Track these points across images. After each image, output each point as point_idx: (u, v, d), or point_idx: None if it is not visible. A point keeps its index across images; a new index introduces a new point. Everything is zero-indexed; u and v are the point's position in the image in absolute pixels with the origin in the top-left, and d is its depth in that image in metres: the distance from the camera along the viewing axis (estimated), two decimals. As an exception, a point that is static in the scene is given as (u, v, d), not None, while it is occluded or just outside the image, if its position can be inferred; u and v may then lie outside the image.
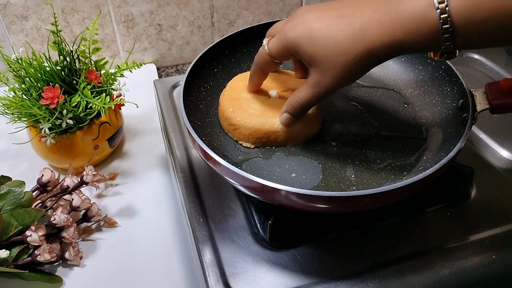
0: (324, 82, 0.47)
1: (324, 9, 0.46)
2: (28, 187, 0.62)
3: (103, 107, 0.64)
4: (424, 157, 0.53)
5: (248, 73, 0.61)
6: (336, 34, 0.44)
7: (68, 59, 0.67)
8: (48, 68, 0.65)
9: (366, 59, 0.44)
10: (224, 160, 0.47)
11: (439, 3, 0.39)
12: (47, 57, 0.66)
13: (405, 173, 0.52)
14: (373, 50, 0.43)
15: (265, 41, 0.52)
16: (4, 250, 0.55)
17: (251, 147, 0.56)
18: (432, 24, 0.40)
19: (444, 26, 0.40)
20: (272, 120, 0.54)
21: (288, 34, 0.47)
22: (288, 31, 0.48)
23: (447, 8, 0.39)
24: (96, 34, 0.67)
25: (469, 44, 0.42)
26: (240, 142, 0.56)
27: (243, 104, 0.56)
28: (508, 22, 0.38)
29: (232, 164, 0.46)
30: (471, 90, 0.53)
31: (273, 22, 0.66)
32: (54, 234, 0.60)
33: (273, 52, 0.50)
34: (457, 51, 0.43)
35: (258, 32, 0.66)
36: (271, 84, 0.59)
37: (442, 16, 0.39)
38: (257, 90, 0.58)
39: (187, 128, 0.51)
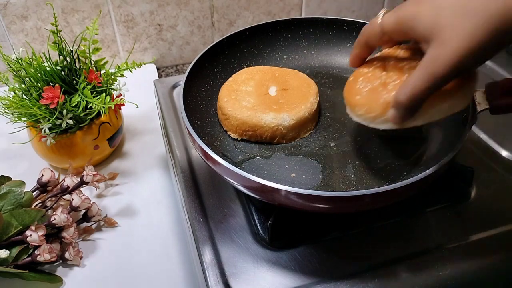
0: (443, 57, 0.36)
1: None
2: (28, 187, 0.62)
3: (103, 107, 0.64)
4: (424, 157, 0.53)
5: (254, 68, 0.62)
6: (467, 4, 0.35)
7: (68, 59, 0.67)
8: (48, 68, 0.65)
9: (501, 24, 0.34)
10: (224, 160, 0.47)
11: None
12: (47, 57, 0.66)
13: (405, 173, 0.52)
14: (511, 15, 0.34)
15: (381, 12, 0.44)
16: (4, 250, 0.55)
17: (238, 138, 0.57)
18: None
19: None
20: (260, 115, 0.55)
21: (409, 7, 0.40)
22: (409, 5, 0.40)
23: None
24: (96, 34, 0.67)
25: None
26: (228, 133, 0.57)
27: (239, 96, 0.58)
28: None
29: (232, 164, 0.46)
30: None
31: (275, 22, 0.67)
32: (54, 234, 0.60)
33: (385, 25, 0.42)
34: None
35: (258, 32, 0.66)
36: (273, 81, 0.59)
37: None
38: (258, 86, 0.59)
39: (187, 128, 0.51)
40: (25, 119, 0.65)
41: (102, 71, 0.70)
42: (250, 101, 0.57)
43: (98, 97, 0.65)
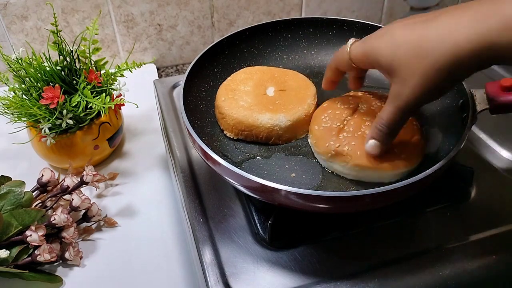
0: (404, 94, 0.42)
1: (414, 17, 0.43)
2: (28, 187, 0.62)
3: (103, 107, 0.64)
4: (424, 157, 0.53)
5: (254, 68, 0.62)
6: (419, 37, 0.40)
7: (68, 59, 0.67)
8: (48, 68, 0.65)
9: (449, 65, 0.38)
10: (224, 160, 0.47)
11: None
12: (47, 57, 0.66)
13: (405, 172, 0.52)
14: (460, 54, 0.37)
15: (350, 41, 0.49)
16: (4, 250, 0.55)
17: (234, 137, 0.57)
18: None
19: None
20: (256, 115, 0.55)
21: (371, 40, 0.45)
22: (372, 38, 0.45)
23: None
24: (96, 34, 0.67)
25: None
26: (225, 132, 0.57)
27: (236, 95, 0.57)
28: None
29: (232, 164, 0.46)
30: (471, 90, 0.53)
31: (274, 22, 0.67)
32: (54, 234, 0.60)
33: (353, 55, 0.48)
34: None
35: (258, 32, 0.66)
36: (272, 82, 0.59)
37: None
38: (256, 86, 0.59)
39: (187, 128, 0.51)
40: (25, 119, 0.65)
41: (102, 71, 0.70)
42: (247, 101, 0.57)
43: (98, 97, 0.65)
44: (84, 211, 0.64)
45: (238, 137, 0.57)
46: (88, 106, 0.66)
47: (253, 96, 0.57)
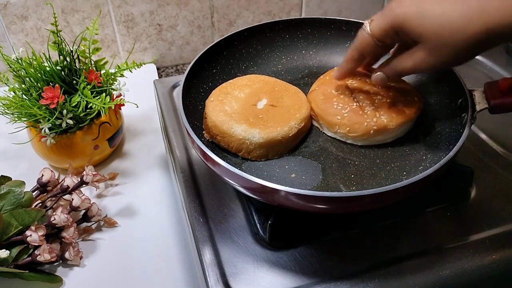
0: (429, 61, 0.44)
1: None
2: (28, 187, 0.62)
3: (103, 107, 0.64)
4: (424, 157, 0.53)
5: (260, 76, 0.61)
6: (449, 12, 0.41)
7: (68, 59, 0.67)
8: (48, 68, 0.65)
9: (482, 40, 0.41)
10: (224, 160, 0.47)
11: None
12: (47, 57, 0.66)
13: (404, 173, 0.52)
14: (490, 32, 0.40)
15: (366, 22, 0.49)
16: (4, 250, 0.55)
17: (209, 140, 0.56)
18: None
19: None
20: (232, 124, 0.53)
21: (394, 10, 0.45)
22: (394, 8, 0.45)
23: None
24: (96, 34, 0.67)
25: None
26: (203, 132, 0.56)
27: (226, 99, 0.57)
28: None
29: (232, 165, 0.46)
30: (470, 89, 0.53)
31: (273, 22, 0.66)
32: (54, 234, 0.60)
33: (376, 32, 0.47)
34: None
35: (256, 33, 0.66)
36: (268, 94, 0.58)
37: None
38: (251, 95, 0.57)
39: (186, 129, 0.51)
40: (25, 119, 0.65)
41: (102, 71, 0.70)
42: (233, 108, 0.55)
43: (98, 97, 0.65)
44: (84, 211, 0.64)
45: (212, 140, 0.55)
46: (88, 106, 0.66)
47: (241, 105, 0.56)
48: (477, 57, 0.78)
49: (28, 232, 0.56)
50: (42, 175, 0.64)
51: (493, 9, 0.39)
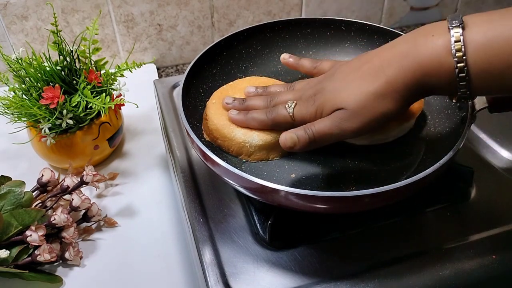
0: (351, 122, 0.46)
1: (358, 62, 0.47)
2: (28, 187, 0.62)
3: (103, 107, 0.64)
4: (424, 157, 0.53)
5: (261, 78, 0.61)
6: (360, 80, 0.45)
7: (68, 59, 0.67)
8: (48, 68, 0.65)
9: (394, 99, 0.44)
10: (223, 161, 0.47)
11: (457, 51, 0.39)
12: (47, 57, 0.66)
13: (404, 172, 0.52)
14: (398, 90, 0.43)
15: (290, 103, 0.50)
16: (4, 250, 0.55)
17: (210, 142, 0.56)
18: (449, 71, 0.40)
19: (460, 75, 0.40)
20: (233, 128, 0.53)
21: (316, 102, 0.48)
22: (316, 100, 0.48)
23: (464, 57, 0.39)
24: (96, 34, 0.67)
25: (485, 92, 0.42)
26: (203, 134, 0.56)
27: None
28: None
29: (231, 165, 0.46)
30: None
31: (272, 22, 0.66)
32: (54, 234, 0.60)
33: (298, 117, 0.50)
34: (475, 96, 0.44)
35: (256, 33, 0.66)
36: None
37: (459, 65, 0.40)
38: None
39: (186, 129, 0.51)
40: (25, 119, 0.65)
41: (102, 71, 0.70)
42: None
43: (98, 97, 0.65)
44: (84, 211, 0.64)
45: (212, 143, 0.55)
46: (88, 106, 0.66)
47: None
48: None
49: (28, 232, 0.56)
50: (42, 175, 0.64)
51: (393, 71, 0.43)
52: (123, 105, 0.68)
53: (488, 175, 0.58)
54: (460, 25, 0.40)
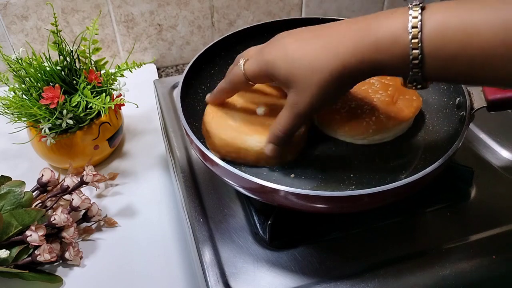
0: (301, 103, 0.46)
1: (302, 31, 0.47)
2: (28, 187, 0.62)
3: (103, 107, 0.64)
4: (423, 156, 0.53)
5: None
6: (310, 53, 0.44)
7: (68, 59, 0.67)
8: (48, 68, 0.65)
9: (340, 77, 0.43)
10: (223, 161, 0.47)
11: (413, 27, 0.39)
12: (47, 57, 0.66)
13: (404, 171, 0.52)
14: (346, 68, 0.43)
15: (241, 61, 0.50)
16: (4, 250, 0.55)
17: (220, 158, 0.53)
18: (403, 48, 0.40)
19: (413, 51, 0.39)
20: (245, 137, 0.52)
21: (265, 56, 0.47)
22: (265, 53, 0.47)
23: (419, 34, 0.39)
24: (96, 34, 0.67)
25: (437, 76, 0.41)
26: (211, 151, 0.54)
27: (225, 113, 0.55)
28: (476, 61, 0.38)
29: (231, 165, 0.46)
30: (468, 88, 0.53)
31: (272, 23, 0.66)
32: (54, 234, 0.60)
33: (249, 74, 0.50)
34: (428, 82, 0.43)
35: (253, 33, 0.66)
36: (260, 99, 0.57)
37: (413, 41, 0.39)
38: (246, 105, 0.56)
39: (185, 130, 0.51)
40: (25, 119, 0.65)
41: (102, 71, 0.70)
42: (237, 120, 0.54)
43: (98, 97, 0.65)
44: (84, 211, 0.64)
45: (225, 158, 0.53)
46: (88, 106, 0.66)
47: (243, 115, 0.55)
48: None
49: (28, 232, 0.56)
50: (42, 175, 0.64)
51: (345, 49, 0.43)
52: (123, 105, 0.68)
53: (488, 175, 0.58)
54: (420, 6, 0.40)
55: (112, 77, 0.70)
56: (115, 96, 0.68)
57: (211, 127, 0.54)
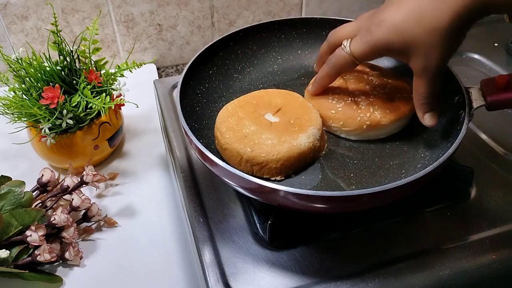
0: (431, 66, 0.46)
1: (399, 1, 0.47)
2: (28, 187, 0.62)
3: (103, 107, 0.64)
4: (422, 155, 0.53)
5: (265, 91, 0.59)
6: (420, 16, 0.44)
7: (68, 59, 0.67)
8: (48, 68, 0.65)
9: (457, 28, 0.44)
10: (223, 161, 0.47)
11: None
12: (47, 57, 0.66)
13: (403, 171, 0.52)
14: (462, 18, 0.43)
15: (345, 43, 0.50)
16: (4, 250, 0.55)
17: (279, 179, 0.52)
18: None
19: None
20: (291, 141, 0.51)
21: (374, 35, 0.47)
22: (373, 32, 0.47)
23: None
24: (96, 34, 0.67)
25: None
26: (262, 176, 0.51)
27: (253, 133, 0.52)
28: None
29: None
30: (467, 87, 0.53)
31: (268, 23, 0.66)
32: (54, 234, 0.60)
33: (357, 54, 0.49)
34: None
35: (252, 33, 0.66)
36: (265, 109, 0.56)
37: None
38: (254, 115, 0.54)
39: (184, 130, 0.51)
40: (25, 119, 0.65)
41: (102, 71, 0.70)
42: (269, 134, 0.52)
43: (98, 97, 0.65)
44: (84, 211, 0.64)
45: (282, 177, 0.51)
46: (88, 106, 0.66)
47: (255, 127, 0.53)
48: (477, 57, 0.79)
49: (28, 232, 0.56)
50: (42, 175, 0.64)
51: (454, 2, 0.43)
52: (123, 105, 0.68)
53: (488, 175, 0.58)
54: None
55: (112, 77, 0.70)
56: (115, 96, 0.68)
57: (255, 148, 0.50)
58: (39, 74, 0.65)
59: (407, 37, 0.45)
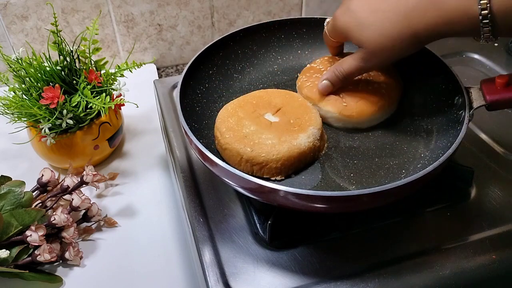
0: (370, 61, 0.52)
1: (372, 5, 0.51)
2: (28, 187, 0.62)
3: (103, 107, 0.64)
4: (422, 155, 0.53)
5: (265, 91, 0.59)
6: (382, 21, 0.49)
7: (68, 59, 0.67)
8: (48, 68, 0.65)
9: (411, 42, 0.48)
10: (222, 161, 0.47)
11: (481, 0, 0.43)
12: (47, 57, 0.66)
13: (403, 171, 0.52)
14: (418, 35, 0.48)
15: (327, 20, 0.59)
16: (4, 250, 0.55)
17: (279, 179, 0.52)
18: (473, 18, 0.44)
19: (484, 21, 0.44)
20: (291, 141, 0.51)
21: (337, 21, 0.53)
22: (337, 18, 0.53)
23: (488, 5, 0.43)
24: (96, 34, 0.67)
25: (507, 33, 0.46)
26: (263, 176, 0.51)
27: (252, 133, 0.52)
28: None
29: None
30: (467, 87, 0.53)
31: (268, 23, 0.67)
32: (54, 234, 0.60)
33: (329, 33, 0.58)
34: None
35: (251, 33, 0.66)
36: (264, 110, 0.55)
37: (483, 12, 0.43)
38: (253, 116, 0.54)
39: (184, 130, 0.51)
40: (25, 119, 0.65)
41: (102, 71, 0.70)
42: (269, 134, 0.52)
43: (98, 97, 0.65)
44: (84, 211, 0.64)
45: (282, 177, 0.51)
46: (88, 106, 0.66)
47: (255, 127, 0.53)
48: (477, 57, 0.79)
49: (28, 232, 0.56)
50: (42, 175, 0.64)
51: (417, 18, 0.47)
52: (123, 105, 0.68)
53: (488, 175, 0.58)
54: None
55: (112, 77, 0.70)
56: (115, 96, 0.68)
57: (256, 148, 0.50)
58: (39, 74, 0.65)
59: (364, 34, 0.50)
